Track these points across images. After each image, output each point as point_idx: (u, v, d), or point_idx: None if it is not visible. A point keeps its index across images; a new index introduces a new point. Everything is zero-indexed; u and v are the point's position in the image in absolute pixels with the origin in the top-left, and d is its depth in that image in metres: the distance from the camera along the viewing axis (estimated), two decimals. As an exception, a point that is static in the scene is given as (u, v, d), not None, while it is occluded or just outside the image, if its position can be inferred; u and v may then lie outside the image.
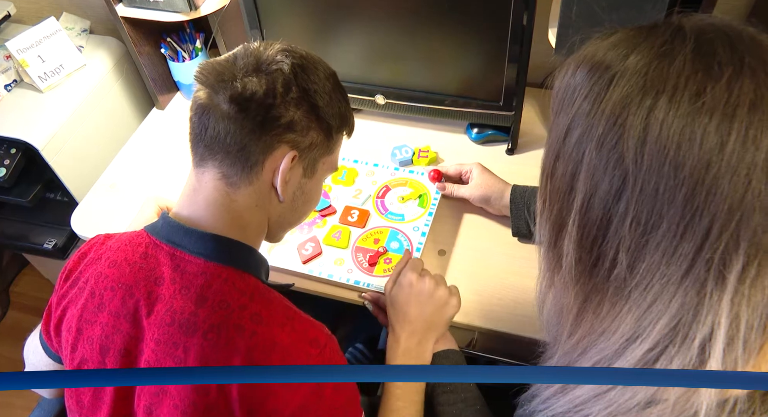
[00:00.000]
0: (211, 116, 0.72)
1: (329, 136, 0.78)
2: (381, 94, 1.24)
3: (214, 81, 0.72)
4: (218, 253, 0.72)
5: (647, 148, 0.46)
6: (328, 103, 0.76)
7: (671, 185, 0.46)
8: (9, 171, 1.29)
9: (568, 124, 0.51)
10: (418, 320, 0.89)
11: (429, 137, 1.29)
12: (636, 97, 0.47)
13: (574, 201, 0.51)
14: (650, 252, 0.48)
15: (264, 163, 0.73)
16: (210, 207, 0.74)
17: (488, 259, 1.07)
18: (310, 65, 0.75)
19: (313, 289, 1.04)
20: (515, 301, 1.00)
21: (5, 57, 1.38)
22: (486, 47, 1.12)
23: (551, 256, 0.57)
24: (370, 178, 1.17)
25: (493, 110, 1.19)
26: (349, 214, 1.10)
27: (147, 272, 0.72)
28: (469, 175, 1.11)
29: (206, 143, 0.73)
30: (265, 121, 0.71)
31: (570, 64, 0.54)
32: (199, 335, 0.67)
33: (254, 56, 0.73)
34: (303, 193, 0.80)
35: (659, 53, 0.47)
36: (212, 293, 0.69)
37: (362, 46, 1.21)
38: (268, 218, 0.79)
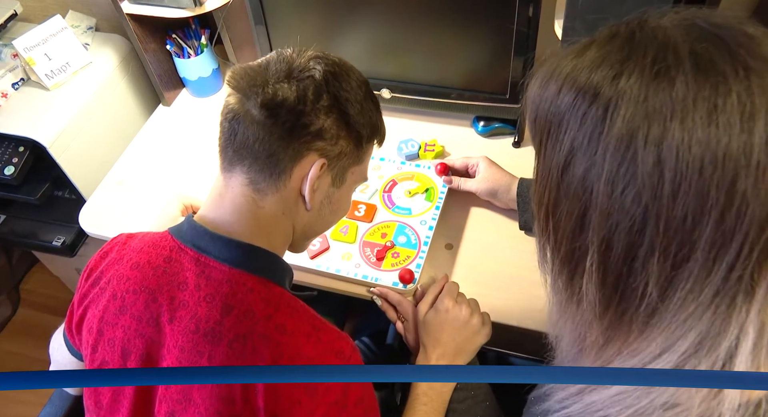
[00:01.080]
0: (242, 121, 0.71)
1: (359, 145, 0.77)
2: (387, 88, 1.24)
3: (246, 86, 0.71)
4: (244, 261, 0.71)
5: (666, 180, 0.43)
6: (360, 111, 0.75)
7: (698, 214, 0.43)
8: (17, 169, 1.29)
9: (565, 158, 0.49)
10: (449, 345, 0.90)
11: (435, 131, 1.28)
12: (642, 127, 0.44)
13: (589, 241, 0.49)
14: (682, 281, 0.46)
15: (292, 170, 0.72)
16: (236, 213, 0.73)
17: (495, 252, 1.06)
18: (342, 72, 0.74)
19: (321, 285, 1.04)
20: (523, 294, 1.00)
21: (12, 55, 1.38)
22: (492, 40, 1.11)
23: (565, 290, 0.55)
24: (376, 173, 1.16)
25: (500, 103, 1.19)
26: (356, 209, 1.09)
27: (171, 277, 0.71)
28: (476, 168, 1.10)
29: (235, 148, 0.72)
30: (295, 127, 0.70)
31: (547, 81, 0.51)
32: (225, 344, 0.67)
33: (287, 62, 0.72)
34: (330, 203, 0.79)
35: (654, 73, 0.44)
36: (237, 302, 0.68)
37: (367, 40, 1.20)
38: (293, 226, 0.78)
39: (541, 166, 0.53)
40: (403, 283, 0.98)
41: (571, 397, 0.58)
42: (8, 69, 1.36)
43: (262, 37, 1.25)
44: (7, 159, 1.30)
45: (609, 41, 0.48)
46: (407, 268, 1.00)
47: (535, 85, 0.52)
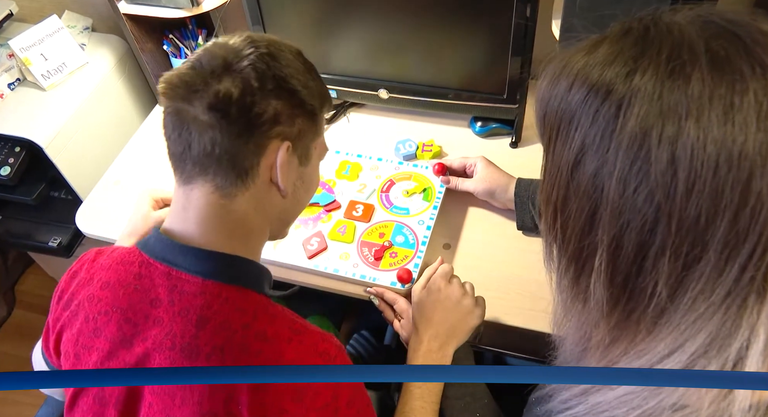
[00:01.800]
0: (193, 130, 0.67)
1: (314, 118, 0.75)
2: (384, 88, 1.24)
3: (185, 93, 0.67)
4: (216, 271, 0.68)
5: (679, 179, 0.43)
6: (305, 84, 0.72)
7: (711, 214, 0.42)
8: (13, 170, 1.29)
9: (576, 156, 0.48)
10: (442, 325, 0.90)
11: (433, 131, 1.29)
12: (656, 126, 0.43)
13: (599, 240, 0.48)
14: (693, 281, 0.45)
15: (259, 164, 0.70)
16: (204, 222, 0.70)
17: (493, 252, 1.07)
18: (276, 50, 0.71)
19: (319, 285, 1.04)
20: (520, 293, 1.00)
21: (8, 56, 1.38)
22: (489, 40, 1.12)
23: (571, 289, 0.54)
24: (374, 173, 1.16)
25: (497, 103, 1.19)
26: (354, 209, 1.09)
27: (142, 294, 0.69)
28: (474, 168, 1.11)
29: (194, 160, 0.68)
30: (250, 121, 0.68)
31: (557, 77, 0.50)
32: (202, 358, 0.65)
33: (220, 57, 0.69)
34: (303, 182, 0.78)
35: (669, 71, 0.43)
36: (213, 314, 0.66)
37: (365, 40, 1.20)
38: (269, 219, 0.76)
39: (550, 164, 0.52)
40: (402, 282, 0.98)
41: (575, 398, 0.57)
42: (4, 69, 1.36)
43: (260, 38, 1.25)
44: (3, 159, 1.30)
45: (622, 37, 0.47)
46: (405, 267, 1.00)
47: (545, 82, 0.51)
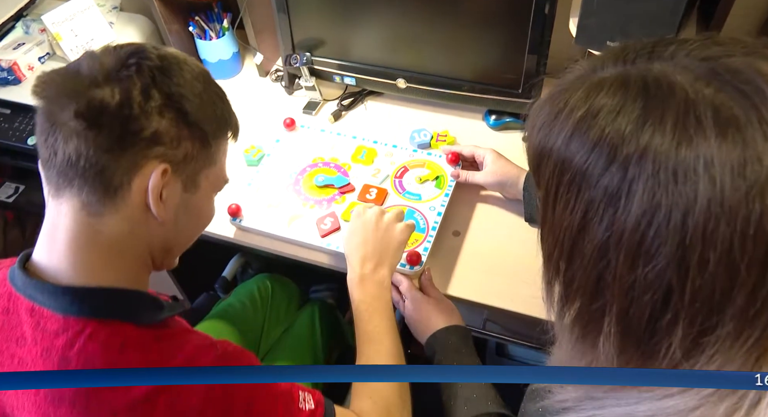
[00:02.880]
0: (59, 137, 0.62)
1: (206, 143, 0.69)
2: (402, 78, 1.27)
3: (55, 95, 0.62)
4: (76, 307, 0.63)
5: (692, 259, 0.40)
6: (199, 106, 0.67)
7: (727, 289, 0.40)
8: (40, 140, 1.33)
9: (579, 223, 0.45)
10: (366, 246, 0.92)
11: (447, 122, 1.32)
12: (665, 202, 0.40)
13: (607, 307, 0.45)
14: (710, 345, 0.42)
15: (131, 183, 0.64)
16: (71, 245, 0.64)
17: (501, 241, 1.09)
18: (171, 66, 0.66)
19: (330, 264, 1.08)
20: (526, 281, 1.03)
21: (40, 30, 1.42)
22: (507, 35, 1.14)
23: (577, 339, 0.51)
24: (389, 159, 1.20)
25: (512, 98, 1.21)
26: (368, 192, 1.13)
27: (8, 332, 0.64)
28: (483, 160, 1.13)
29: (59, 170, 0.63)
30: (124, 135, 0.62)
31: (553, 121, 0.47)
32: (67, 405, 0.60)
33: (101, 62, 0.63)
34: (187, 211, 0.71)
35: (676, 140, 0.40)
36: (75, 354, 0.61)
37: (386, 30, 1.23)
38: (148, 246, 0.70)
39: (550, 220, 0.49)
40: (411, 264, 1.01)
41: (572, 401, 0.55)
42: (36, 43, 1.40)
43: (284, 25, 1.29)
44: (31, 129, 1.34)
45: (621, 87, 0.44)
46: (415, 250, 1.03)
47: (538, 124, 0.49)
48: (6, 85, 1.38)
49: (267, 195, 1.15)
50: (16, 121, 1.36)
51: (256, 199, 1.14)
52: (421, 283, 1.01)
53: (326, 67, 1.33)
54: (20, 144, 1.34)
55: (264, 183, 1.17)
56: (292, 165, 1.20)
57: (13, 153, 1.41)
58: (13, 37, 1.45)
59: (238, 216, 1.12)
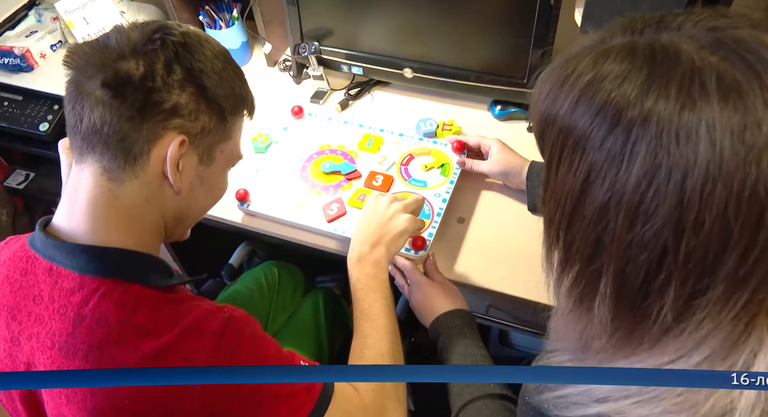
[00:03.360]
0: (85, 105, 0.66)
1: (223, 118, 0.73)
2: (409, 67, 1.28)
3: (85, 65, 0.66)
4: (93, 265, 0.66)
5: (688, 218, 0.41)
6: (218, 83, 0.71)
7: (720, 250, 0.42)
8: (51, 126, 1.35)
9: (581, 185, 0.46)
10: (368, 229, 0.94)
11: (453, 112, 1.33)
12: (665, 163, 0.41)
13: (604, 268, 0.47)
14: (700, 307, 0.44)
15: (150, 152, 0.68)
16: (90, 208, 0.68)
17: (505, 228, 1.11)
18: (194, 43, 0.70)
19: (335, 248, 1.09)
20: (528, 267, 1.04)
21: (52, 19, 1.44)
22: (513, 26, 1.15)
23: (573, 304, 0.53)
24: (395, 147, 1.21)
25: (518, 88, 1.23)
26: (374, 179, 1.14)
27: (26, 290, 0.67)
28: (488, 150, 1.14)
29: (83, 135, 0.67)
30: (146, 106, 0.66)
31: (559, 88, 0.48)
32: (80, 358, 0.63)
33: (128, 36, 0.67)
34: (202, 183, 0.75)
35: (679, 105, 0.41)
36: (89, 310, 0.64)
37: (393, 21, 1.25)
38: (162, 214, 0.73)
39: (553, 184, 0.50)
40: (415, 249, 1.03)
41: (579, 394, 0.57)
42: (48, 31, 1.43)
43: (293, 15, 1.30)
44: (43, 116, 1.36)
45: (628, 55, 0.45)
46: (420, 235, 1.04)
47: (544, 91, 0.49)
48: (19, 72, 1.40)
49: (274, 181, 1.17)
50: (28, 107, 1.38)
51: (264, 185, 1.16)
52: (426, 267, 1.03)
53: (334, 56, 1.34)
54: (32, 130, 1.36)
55: (272, 169, 1.19)
56: (299, 152, 1.22)
57: (25, 139, 1.43)
58: (26, 25, 1.47)
59: (246, 201, 1.13)
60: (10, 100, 1.40)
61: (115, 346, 0.63)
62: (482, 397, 0.84)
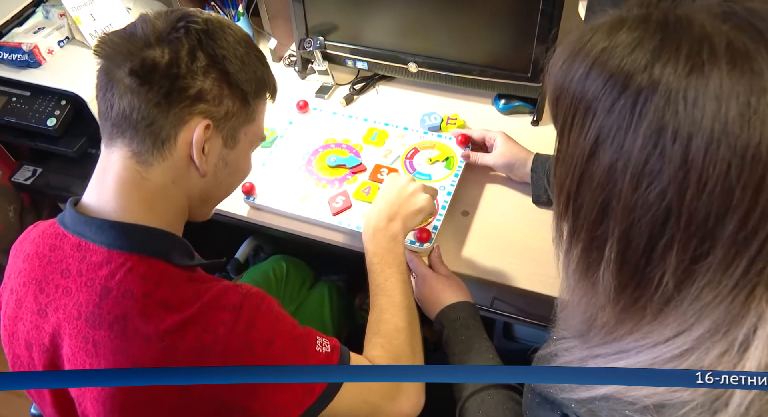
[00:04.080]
0: (115, 92, 0.69)
1: (246, 102, 0.76)
2: (414, 62, 1.29)
3: (113, 54, 0.69)
4: (120, 241, 0.69)
5: (691, 178, 0.43)
6: (241, 68, 0.73)
7: (721, 213, 0.43)
8: (59, 121, 1.36)
9: (591, 147, 0.48)
10: (386, 203, 0.96)
11: (458, 106, 1.34)
12: (671, 123, 0.43)
13: (610, 231, 0.49)
14: (701, 274, 0.46)
15: (177, 137, 0.71)
16: (119, 188, 0.71)
17: (509, 221, 1.11)
18: (216, 29, 0.72)
19: (340, 241, 1.10)
20: (533, 260, 1.05)
21: (60, 15, 1.45)
22: (517, 20, 1.16)
23: (579, 274, 0.55)
24: (400, 140, 1.22)
25: (521, 81, 1.23)
26: (379, 172, 1.15)
27: (55, 265, 0.70)
28: (493, 142, 1.15)
29: (113, 121, 0.70)
30: (171, 92, 0.69)
31: (573, 59, 0.49)
32: (106, 327, 0.66)
33: (153, 25, 0.70)
34: (227, 165, 0.78)
35: (688, 69, 0.43)
36: (116, 283, 0.67)
37: (398, 15, 1.25)
38: (188, 195, 0.76)
39: (564, 150, 0.52)
40: (420, 241, 1.04)
41: (577, 362, 0.60)
42: (56, 27, 1.43)
43: (298, 10, 1.31)
44: (50, 111, 1.37)
45: (641, 24, 0.46)
46: (425, 228, 1.05)
47: (559, 61, 0.51)
48: (26, 68, 1.41)
49: (280, 175, 1.18)
50: (35, 103, 1.39)
51: (270, 179, 1.17)
52: (431, 260, 1.03)
53: (339, 51, 1.35)
54: (40, 125, 1.37)
55: (277, 163, 1.20)
56: (304, 146, 1.23)
57: (33, 135, 1.44)
58: (34, 22, 1.48)
59: (252, 194, 1.14)
60: (18, 96, 1.41)
61: (139, 318, 0.66)
62: (487, 388, 0.85)
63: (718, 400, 0.49)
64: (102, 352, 0.66)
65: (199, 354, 0.66)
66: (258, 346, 0.69)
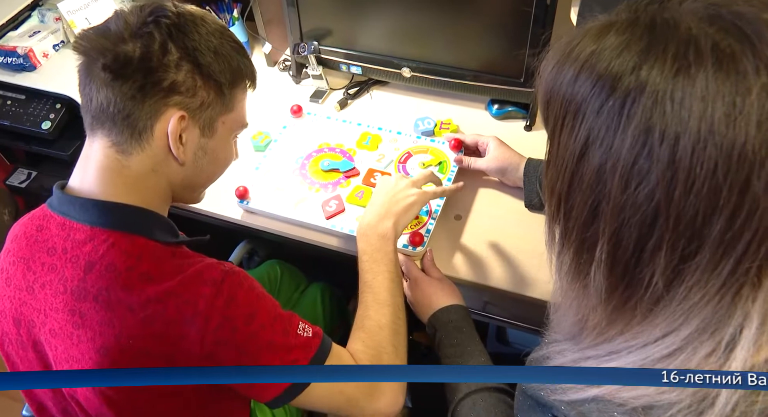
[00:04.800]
0: (93, 86, 0.72)
1: (221, 93, 0.77)
2: (407, 67, 1.30)
3: (90, 49, 0.72)
4: (103, 219, 0.72)
5: (679, 179, 0.44)
6: (213, 59, 0.75)
7: (709, 213, 0.44)
8: (53, 124, 1.37)
9: (581, 149, 0.49)
10: (377, 204, 0.97)
11: (451, 111, 1.34)
12: (659, 124, 0.44)
13: (600, 232, 0.49)
14: (689, 274, 0.46)
15: (153, 127, 0.73)
16: (100, 174, 0.74)
17: (502, 225, 1.12)
18: (188, 23, 0.74)
19: (333, 245, 1.11)
20: (525, 264, 1.05)
21: (55, 19, 1.46)
22: (510, 26, 1.17)
23: (571, 275, 0.56)
24: (393, 145, 1.23)
25: (514, 86, 1.24)
26: (372, 176, 1.16)
27: (41, 244, 0.74)
28: (486, 147, 1.16)
29: (93, 114, 0.73)
30: (145, 85, 0.71)
31: (562, 63, 0.50)
32: (91, 299, 0.69)
33: (125, 21, 0.72)
34: (206, 154, 0.80)
35: (675, 70, 0.44)
36: (99, 258, 0.70)
37: (392, 21, 1.26)
38: (169, 182, 0.79)
39: (554, 153, 0.53)
40: (413, 245, 1.04)
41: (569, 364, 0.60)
42: (51, 31, 1.44)
43: (292, 15, 1.32)
44: (45, 114, 1.37)
45: (629, 27, 0.47)
46: (418, 231, 1.06)
47: (549, 66, 0.52)
48: (21, 71, 1.41)
49: (274, 179, 1.18)
50: (30, 106, 1.40)
51: (264, 183, 1.17)
52: (423, 263, 1.04)
53: (333, 56, 1.36)
54: (34, 129, 1.37)
55: (271, 167, 1.20)
56: (298, 150, 1.24)
57: (27, 138, 1.44)
58: (29, 25, 1.49)
59: (246, 198, 1.15)
60: (13, 99, 1.41)
61: (122, 290, 0.69)
62: (479, 391, 0.85)
63: (705, 400, 0.50)
64: (88, 323, 0.69)
65: (181, 325, 0.68)
66: (238, 321, 0.71)
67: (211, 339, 0.69)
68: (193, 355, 0.69)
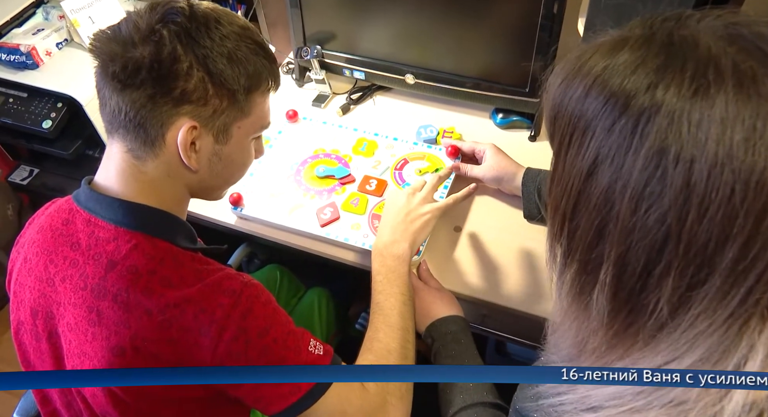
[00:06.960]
0: (106, 91, 0.70)
1: (235, 100, 0.74)
2: (411, 73, 1.28)
3: (101, 54, 0.70)
4: (128, 219, 0.72)
5: (692, 203, 0.41)
6: (226, 65, 0.71)
7: (722, 240, 0.42)
8: (54, 123, 1.36)
9: (588, 168, 0.47)
10: (391, 224, 0.96)
11: (454, 119, 1.32)
12: (674, 146, 0.42)
13: (605, 254, 0.47)
14: (696, 302, 0.44)
15: (165, 136, 0.71)
16: (120, 176, 0.74)
17: (500, 236, 1.09)
18: (200, 27, 0.70)
19: (329, 253, 1.08)
20: (524, 279, 1.03)
21: (59, 17, 1.46)
22: (516, 34, 1.14)
23: (573, 296, 0.54)
24: (389, 151, 1.20)
25: (519, 96, 1.21)
26: (368, 183, 1.14)
27: (66, 238, 0.74)
28: (483, 155, 1.13)
29: (107, 118, 0.72)
30: (155, 95, 0.69)
31: (572, 78, 0.48)
32: (110, 298, 0.69)
33: (135, 25, 0.69)
34: (220, 160, 0.78)
35: (693, 90, 0.42)
36: (122, 259, 0.70)
37: (396, 26, 1.24)
38: (186, 185, 0.78)
39: (560, 170, 0.51)
40: (407, 256, 1.02)
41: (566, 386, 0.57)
42: (54, 29, 1.44)
43: (296, 18, 1.30)
44: (46, 113, 1.37)
45: (644, 44, 0.46)
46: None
47: (558, 79, 0.50)
48: (24, 69, 1.41)
49: (269, 185, 1.16)
50: (32, 104, 1.40)
51: (258, 189, 1.16)
52: (420, 273, 1.01)
53: (336, 60, 1.34)
54: (35, 127, 1.37)
55: (266, 173, 1.19)
56: (293, 156, 1.22)
57: (29, 136, 1.44)
58: (33, 23, 1.49)
59: (240, 205, 1.13)
60: (15, 97, 1.41)
61: (142, 293, 0.69)
62: (474, 405, 0.83)
63: None
64: (105, 322, 0.69)
65: (195, 332, 0.68)
66: (253, 333, 0.70)
67: (223, 349, 0.69)
68: (204, 364, 0.69)
